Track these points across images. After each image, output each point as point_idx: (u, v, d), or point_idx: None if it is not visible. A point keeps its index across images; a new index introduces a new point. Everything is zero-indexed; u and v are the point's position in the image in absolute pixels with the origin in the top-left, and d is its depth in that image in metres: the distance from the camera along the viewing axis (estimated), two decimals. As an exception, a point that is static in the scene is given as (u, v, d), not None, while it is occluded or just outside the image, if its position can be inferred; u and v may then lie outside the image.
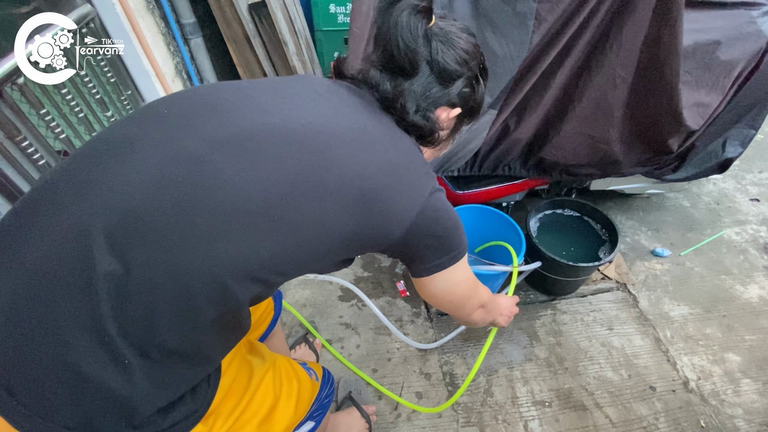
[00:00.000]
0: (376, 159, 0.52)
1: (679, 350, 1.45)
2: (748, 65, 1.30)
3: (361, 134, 0.53)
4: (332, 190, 0.48)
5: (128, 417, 0.45)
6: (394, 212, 0.52)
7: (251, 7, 1.87)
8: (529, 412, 1.27)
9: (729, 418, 1.27)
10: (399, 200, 0.52)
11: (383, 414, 1.25)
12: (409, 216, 0.53)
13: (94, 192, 0.44)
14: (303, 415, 0.73)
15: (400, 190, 0.52)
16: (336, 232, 0.50)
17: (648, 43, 1.12)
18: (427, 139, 0.62)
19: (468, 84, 0.61)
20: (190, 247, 0.43)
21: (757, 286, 1.69)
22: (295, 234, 0.47)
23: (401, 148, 0.56)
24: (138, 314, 0.43)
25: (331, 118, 0.52)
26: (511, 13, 1.06)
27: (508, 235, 1.46)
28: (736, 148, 1.51)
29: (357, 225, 0.51)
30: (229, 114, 0.48)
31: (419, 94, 0.58)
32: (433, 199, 0.56)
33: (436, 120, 0.61)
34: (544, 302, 1.60)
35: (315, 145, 0.49)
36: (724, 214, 2.04)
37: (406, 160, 0.55)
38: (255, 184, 0.45)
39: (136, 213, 0.43)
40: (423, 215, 0.54)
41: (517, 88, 1.22)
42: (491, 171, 1.52)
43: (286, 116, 0.50)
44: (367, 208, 0.50)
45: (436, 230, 0.57)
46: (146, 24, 1.55)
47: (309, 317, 1.51)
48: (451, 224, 0.59)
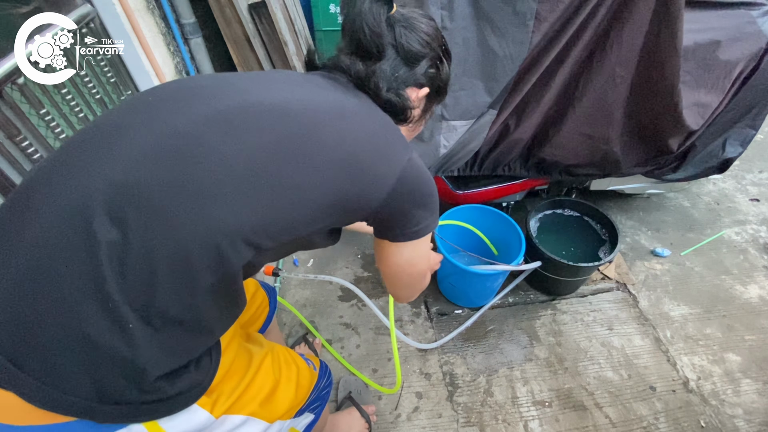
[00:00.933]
0: (355, 129, 0.55)
1: (679, 350, 1.45)
2: (748, 65, 1.30)
3: (339, 108, 0.56)
4: (312, 157, 0.51)
5: (137, 381, 0.46)
6: (375, 178, 0.55)
7: (251, 7, 1.87)
8: (529, 412, 1.27)
9: (729, 418, 1.27)
10: (379, 166, 0.55)
11: (383, 414, 1.25)
12: (389, 182, 0.56)
13: (88, 171, 0.46)
14: (303, 401, 0.75)
15: (379, 157, 0.55)
16: (318, 197, 0.52)
17: (648, 43, 1.12)
18: (400, 117, 0.66)
19: (432, 65, 0.65)
20: (185, 212, 0.45)
21: (757, 286, 1.68)
22: (281, 198, 0.50)
23: (378, 120, 0.59)
24: (139, 280, 0.44)
25: (308, 96, 0.56)
26: (511, 13, 1.06)
27: (508, 235, 1.46)
28: (736, 148, 1.51)
29: (339, 190, 0.53)
30: (213, 96, 0.52)
31: (389, 74, 0.62)
32: (412, 166, 0.58)
33: (408, 98, 0.65)
34: (544, 302, 1.60)
35: (294, 116, 0.52)
36: (724, 214, 2.04)
37: (384, 131, 0.59)
38: (240, 152, 0.48)
39: (132, 185, 0.45)
40: (403, 181, 0.56)
41: (517, 88, 1.22)
42: (491, 171, 1.52)
43: (265, 95, 0.53)
44: (347, 173, 0.53)
45: (415, 196, 0.59)
46: (146, 24, 1.55)
47: (309, 317, 1.51)
48: (429, 191, 0.62)
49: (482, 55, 1.13)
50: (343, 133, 0.53)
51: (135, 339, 0.45)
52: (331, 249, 1.81)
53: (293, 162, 0.50)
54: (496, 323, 1.52)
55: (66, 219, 0.43)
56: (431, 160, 1.32)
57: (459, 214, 1.54)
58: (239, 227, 0.48)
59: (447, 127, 1.25)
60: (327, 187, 0.52)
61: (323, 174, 0.51)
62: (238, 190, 0.47)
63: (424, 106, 0.71)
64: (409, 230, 0.62)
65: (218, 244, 0.47)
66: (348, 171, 0.53)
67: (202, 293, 0.48)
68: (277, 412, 0.68)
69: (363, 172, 0.54)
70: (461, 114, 1.23)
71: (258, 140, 0.49)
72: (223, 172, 0.47)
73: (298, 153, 0.50)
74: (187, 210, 0.46)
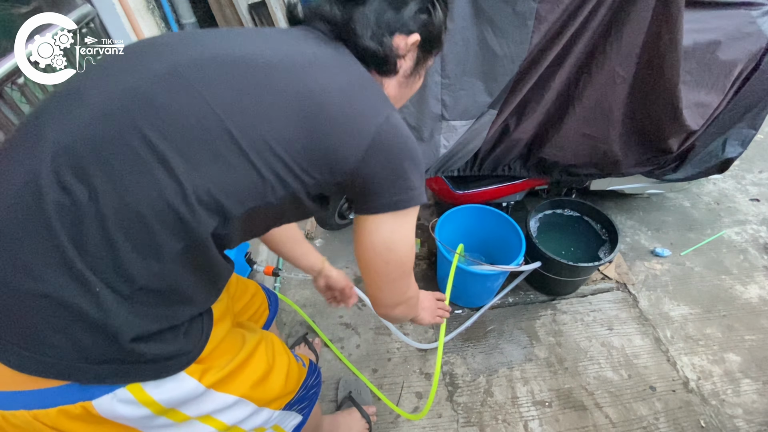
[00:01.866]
0: (325, 80, 0.50)
1: (679, 350, 1.45)
2: (748, 65, 1.30)
3: (310, 59, 0.52)
4: (272, 110, 0.47)
5: (111, 341, 0.45)
6: (346, 134, 0.50)
7: (251, 7, 1.87)
8: (529, 412, 1.27)
9: (729, 418, 1.27)
10: (350, 122, 0.50)
11: (383, 414, 1.25)
12: (364, 140, 0.51)
13: (43, 138, 0.45)
14: (291, 393, 0.73)
15: (350, 111, 0.50)
16: (282, 153, 0.48)
17: (648, 43, 1.12)
18: (384, 68, 0.60)
19: (423, 8, 0.59)
20: (135, 175, 0.44)
21: (757, 286, 1.68)
22: (237, 156, 0.46)
23: (354, 72, 0.54)
24: (98, 247, 0.43)
25: (275, 48, 0.52)
26: (511, 13, 1.06)
27: (508, 235, 1.46)
28: (736, 148, 1.51)
29: (305, 147, 0.49)
30: (171, 53, 0.49)
31: (373, 21, 0.56)
32: (390, 124, 0.53)
33: (393, 46, 0.59)
34: (544, 302, 1.60)
35: (254, 68, 0.48)
36: (724, 214, 2.04)
37: (359, 84, 0.53)
38: (191, 108, 0.45)
39: (80, 147, 0.44)
40: (380, 140, 0.51)
41: (517, 88, 1.22)
42: (491, 171, 1.52)
43: (225, 49, 0.50)
44: (313, 127, 0.49)
45: (393, 159, 0.54)
46: (146, 24, 1.55)
47: (309, 317, 1.51)
48: (410, 155, 0.55)
49: (482, 55, 1.13)
50: (309, 85, 0.49)
51: (104, 302, 0.44)
52: (331, 249, 1.81)
53: (250, 117, 0.47)
54: (496, 323, 1.52)
55: (22, 190, 0.43)
56: (431, 160, 1.32)
57: (459, 214, 1.54)
58: (193, 189, 0.45)
59: (447, 127, 1.25)
60: (290, 143, 0.48)
61: (285, 128, 0.48)
62: (189, 148, 0.45)
63: (417, 58, 0.63)
64: (386, 200, 0.55)
65: (175, 209, 0.44)
66: (315, 125, 0.49)
67: (171, 260, 0.46)
68: (267, 397, 0.67)
69: (333, 128, 0.49)
70: (461, 114, 1.23)
71: (211, 95, 0.46)
72: (173, 131, 0.45)
73: (257, 107, 0.47)
74: (135, 171, 0.43)
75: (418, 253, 1.79)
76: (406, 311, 0.73)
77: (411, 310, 0.76)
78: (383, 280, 0.64)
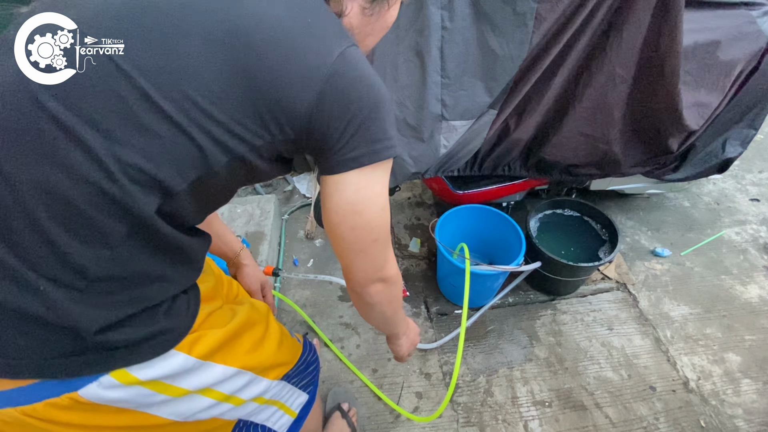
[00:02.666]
0: (257, 11, 0.42)
1: (679, 350, 1.45)
2: (748, 65, 1.30)
3: None
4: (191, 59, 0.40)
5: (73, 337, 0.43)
6: (290, 79, 0.42)
7: None
8: (529, 412, 1.27)
9: (729, 418, 1.27)
10: (293, 63, 0.42)
11: (383, 414, 1.25)
12: (313, 85, 0.43)
13: None
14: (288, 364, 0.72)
15: (293, 49, 0.42)
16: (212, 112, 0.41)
17: (648, 43, 1.12)
18: None
19: None
20: (48, 159, 0.39)
21: (757, 286, 1.68)
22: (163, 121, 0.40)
23: (300, 3, 0.46)
24: (35, 243, 0.40)
25: None
26: (511, 13, 1.06)
27: (508, 235, 1.46)
28: (736, 148, 1.51)
29: (240, 103, 0.42)
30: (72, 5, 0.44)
31: None
32: (347, 63, 0.44)
33: None
34: (544, 302, 1.60)
35: (171, 8, 0.41)
36: (724, 214, 2.04)
37: (303, 12, 0.44)
38: (99, 72, 0.40)
39: None
40: (333, 84, 0.43)
41: (517, 88, 1.22)
42: (491, 171, 1.52)
43: None
44: (246, 74, 0.41)
45: (352, 106, 0.45)
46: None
47: (309, 317, 1.51)
48: (374, 99, 0.46)
49: (482, 55, 1.13)
50: (239, 20, 0.41)
51: (52, 300, 0.41)
52: (331, 249, 1.81)
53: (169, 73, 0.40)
54: (496, 323, 1.52)
55: None
56: (431, 160, 1.32)
57: (459, 214, 1.54)
58: (119, 167, 0.39)
59: (447, 127, 1.25)
60: (222, 98, 0.41)
61: (214, 81, 0.40)
62: (105, 120, 0.39)
63: None
64: (347, 155, 0.47)
65: (104, 191, 0.40)
66: (250, 71, 0.41)
67: (121, 244, 0.43)
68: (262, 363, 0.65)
69: (272, 73, 0.42)
70: (461, 114, 1.23)
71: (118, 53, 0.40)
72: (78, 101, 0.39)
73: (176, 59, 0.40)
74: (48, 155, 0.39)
75: (418, 253, 1.79)
76: (384, 295, 0.61)
77: (391, 297, 0.63)
78: (351, 249, 0.54)
